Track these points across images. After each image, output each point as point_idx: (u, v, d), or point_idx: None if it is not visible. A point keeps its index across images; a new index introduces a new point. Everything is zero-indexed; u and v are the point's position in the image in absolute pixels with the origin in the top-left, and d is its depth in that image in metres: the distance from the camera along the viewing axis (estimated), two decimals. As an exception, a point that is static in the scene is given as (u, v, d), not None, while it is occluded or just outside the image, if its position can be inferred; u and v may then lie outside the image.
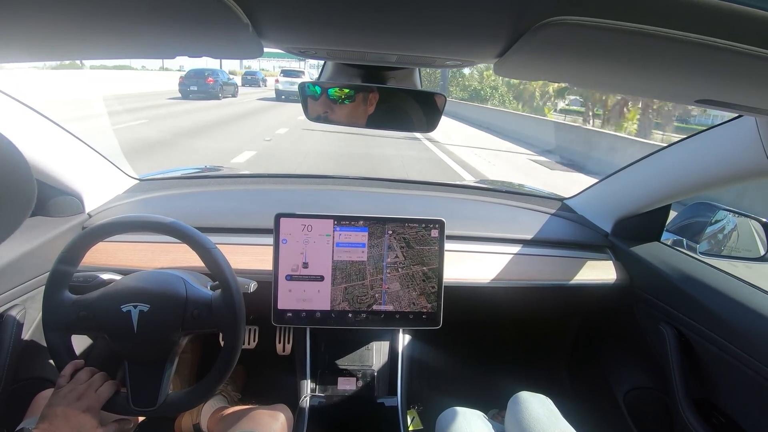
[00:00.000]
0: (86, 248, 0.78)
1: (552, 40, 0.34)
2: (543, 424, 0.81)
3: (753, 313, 0.86)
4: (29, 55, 0.55)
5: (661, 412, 1.10)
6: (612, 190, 1.27)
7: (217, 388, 0.80)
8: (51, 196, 1.04)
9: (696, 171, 0.94)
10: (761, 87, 0.43)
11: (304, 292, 0.99)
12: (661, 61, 0.37)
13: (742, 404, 0.89)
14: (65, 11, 0.35)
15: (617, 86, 0.62)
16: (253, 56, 0.47)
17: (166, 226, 0.78)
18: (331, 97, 0.73)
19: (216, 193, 1.33)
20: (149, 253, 1.02)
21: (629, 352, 1.25)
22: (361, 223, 0.99)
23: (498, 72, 0.47)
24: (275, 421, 0.90)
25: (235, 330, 0.78)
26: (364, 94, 0.72)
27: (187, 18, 0.36)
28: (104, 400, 0.73)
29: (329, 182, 1.46)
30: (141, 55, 0.55)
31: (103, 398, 0.73)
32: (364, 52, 0.53)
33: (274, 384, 1.31)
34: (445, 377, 1.56)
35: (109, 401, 0.75)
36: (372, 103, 0.73)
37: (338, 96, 0.73)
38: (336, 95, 0.73)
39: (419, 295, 1.01)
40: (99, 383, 0.74)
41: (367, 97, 0.72)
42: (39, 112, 0.94)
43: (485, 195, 1.46)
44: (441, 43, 0.44)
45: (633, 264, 1.17)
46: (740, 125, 0.79)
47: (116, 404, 0.76)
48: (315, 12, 0.36)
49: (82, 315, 0.75)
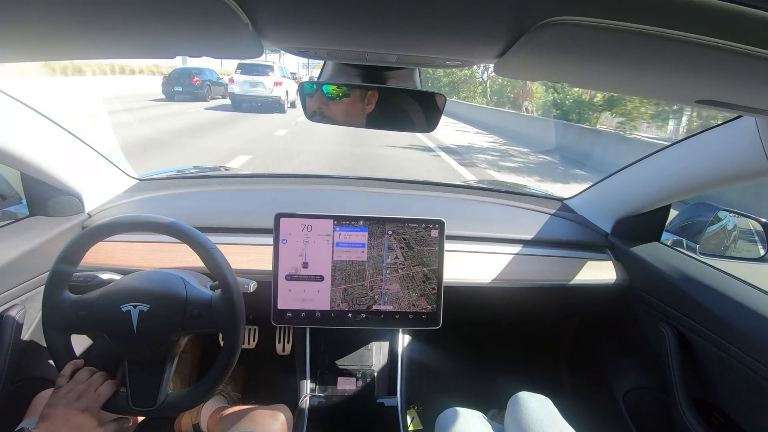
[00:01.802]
0: (86, 248, 0.78)
1: (552, 40, 0.34)
2: (542, 424, 0.81)
3: (752, 314, 0.86)
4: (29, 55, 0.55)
5: (660, 411, 1.10)
6: (612, 190, 1.27)
7: (216, 387, 0.80)
8: (50, 195, 1.04)
9: (696, 171, 0.94)
10: (761, 87, 0.43)
11: (303, 292, 0.99)
12: (661, 61, 0.37)
13: (742, 404, 0.89)
14: (65, 11, 0.35)
15: (617, 86, 0.62)
16: (253, 56, 0.47)
17: (166, 226, 0.78)
18: (329, 96, 0.73)
19: (216, 193, 1.33)
20: (149, 253, 1.02)
21: (629, 352, 1.25)
22: (360, 223, 0.99)
23: (498, 72, 0.47)
24: (275, 421, 0.90)
25: (234, 330, 0.78)
26: (363, 94, 0.72)
27: (187, 18, 0.36)
28: (104, 399, 0.73)
29: (329, 182, 1.46)
30: (141, 55, 0.55)
31: (102, 398, 0.73)
32: (364, 52, 0.53)
33: (274, 384, 1.31)
34: (444, 377, 1.56)
35: (108, 401, 0.75)
36: (371, 103, 0.73)
37: (336, 94, 0.73)
38: (334, 93, 0.73)
39: (419, 296, 1.01)
40: (98, 383, 0.74)
41: (366, 96, 0.72)
42: (39, 111, 0.94)
43: (485, 195, 1.46)
44: (441, 43, 0.44)
45: (633, 264, 1.17)
46: (740, 125, 0.79)
47: (116, 404, 0.76)
48: (315, 12, 0.36)
49: (81, 315, 0.75)
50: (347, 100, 0.73)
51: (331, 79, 0.76)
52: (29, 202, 1.06)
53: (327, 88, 0.73)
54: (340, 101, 0.73)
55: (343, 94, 0.73)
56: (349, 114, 0.75)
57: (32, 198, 1.05)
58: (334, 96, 0.73)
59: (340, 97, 0.73)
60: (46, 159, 0.97)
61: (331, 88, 0.73)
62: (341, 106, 0.74)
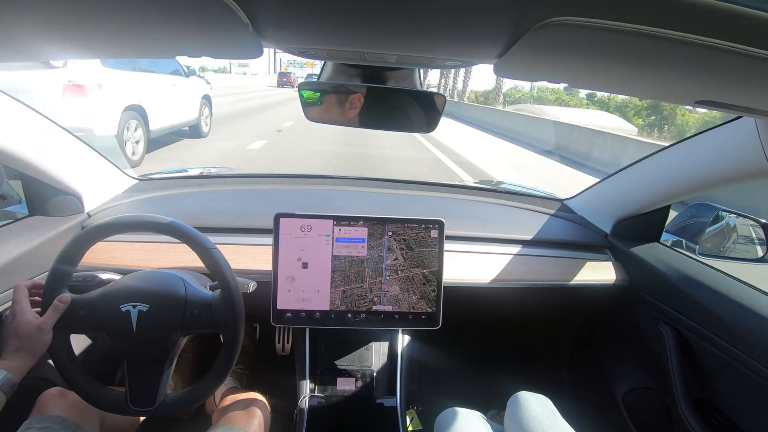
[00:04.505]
0: (85, 248, 0.78)
1: (552, 41, 0.34)
2: (543, 424, 0.81)
3: (752, 314, 0.86)
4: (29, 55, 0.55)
5: (660, 412, 1.10)
6: (611, 190, 1.27)
7: (216, 387, 0.80)
8: (50, 195, 1.04)
9: (696, 171, 0.94)
10: (761, 87, 0.43)
11: (303, 293, 0.99)
12: (661, 61, 0.37)
13: (741, 404, 0.89)
14: (64, 12, 0.35)
15: (617, 87, 0.62)
16: (253, 56, 0.47)
17: (166, 226, 0.78)
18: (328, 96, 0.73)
19: (215, 193, 1.33)
20: (149, 253, 1.02)
21: (629, 353, 1.25)
22: (360, 223, 0.99)
23: (498, 72, 0.47)
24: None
25: (234, 330, 0.78)
26: (362, 94, 0.72)
27: (187, 18, 0.36)
28: (21, 306, 0.73)
29: (329, 182, 1.46)
30: (141, 55, 0.55)
31: (19, 304, 0.74)
32: (363, 52, 0.53)
33: (274, 384, 1.31)
34: (444, 377, 1.56)
35: (108, 402, 0.75)
36: (371, 103, 0.73)
37: (335, 94, 0.73)
38: (333, 93, 0.73)
39: (419, 299, 1.01)
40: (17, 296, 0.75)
41: (365, 97, 0.72)
42: (38, 111, 0.94)
43: (485, 195, 1.47)
44: (441, 43, 0.44)
45: (632, 264, 1.17)
46: (740, 125, 0.79)
47: (115, 404, 0.76)
48: (314, 12, 0.36)
49: (81, 315, 0.75)
50: (346, 100, 0.73)
51: (331, 79, 0.76)
52: (29, 202, 1.06)
53: (325, 90, 0.73)
54: (339, 101, 0.73)
55: (342, 95, 0.73)
56: (349, 115, 0.75)
57: (32, 198, 1.05)
58: (333, 96, 0.73)
59: (338, 97, 0.73)
60: (46, 159, 0.97)
61: (330, 89, 0.73)
62: (341, 107, 0.74)
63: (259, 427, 0.90)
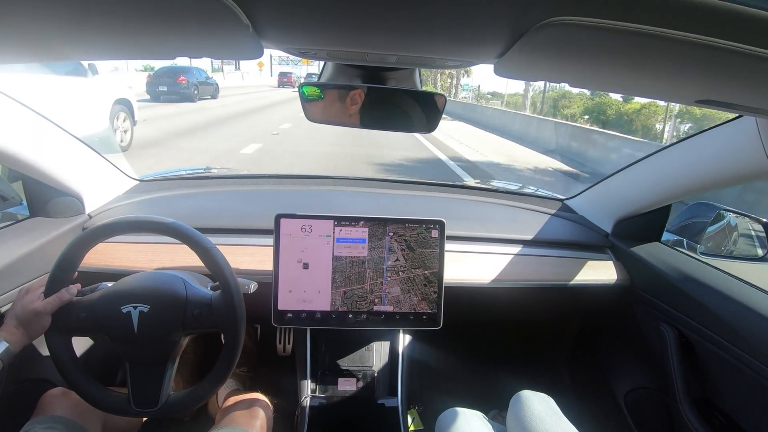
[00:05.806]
0: (86, 249, 0.78)
1: (552, 40, 0.34)
2: (545, 423, 0.81)
3: (753, 314, 0.86)
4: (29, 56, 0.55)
5: (661, 412, 1.10)
6: (612, 190, 1.27)
7: (218, 387, 0.80)
8: (51, 197, 1.04)
9: (696, 171, 0.94)
10: (761, 87, 0.43)
11: (304, 293, 0.99)
12: (661, 61, 0.37)
13: (743, 404, 0.89)
14: (64, 12, 0.35)
15: (617, 86, 0.62)
16: (254, 57, 0.47)
17: (166, 227, 0.78)
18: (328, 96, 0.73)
19: (216, 194, 1.33)
20: (149, 254, 1.02)
21: (630, 353, 1.25)
22: (361, 223, 0.99)
23: (498, 72, 0.47)
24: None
25: (235, 330, 0.78)
26: (362, 94, 0.72)
27: (187, 18, 0.36)
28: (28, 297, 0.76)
29: (329, 182, 1.46)
30: (141, 56, 0.55)
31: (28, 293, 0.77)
32: (364, 52, 0.53)
33: (275, 384, 1.31)
34: (445, 378, 1.55)
35: (111, 403, 0.75)
36: (372, 103, 0.73)
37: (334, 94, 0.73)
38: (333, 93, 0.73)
39: (420, 300, 1.01)
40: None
41: (365, 97, 0.72)
42: (39, 112, 0.94)
43: (485, 195, 1.46)
44: (441, 43, 0.44)
45: (633, 264, 1.17)
46: (740, 125, 0.79)
47: (118, 405, 0.76)
48: (315, 13, 0.36)
49: (82, 316, 0.75)
50: (346, 100, 0.73)
51: (332, 80, 0.76)
52: (30, 203, 1.06)
53: (325, 88, 0.73)
54: (338, 101, 0.73)
55: (342, 95, 0.73)
56: (349, 116, 0.75)
57: (33, 199, 1.05)
58: (334, 96, 0.73)
59: (338, 97, 0.73)
60: (47, 160, 0.97)
61: (330, 89, 0.73)
62: (340, 107, 0.74)
63: (261, 428, 0.90)
